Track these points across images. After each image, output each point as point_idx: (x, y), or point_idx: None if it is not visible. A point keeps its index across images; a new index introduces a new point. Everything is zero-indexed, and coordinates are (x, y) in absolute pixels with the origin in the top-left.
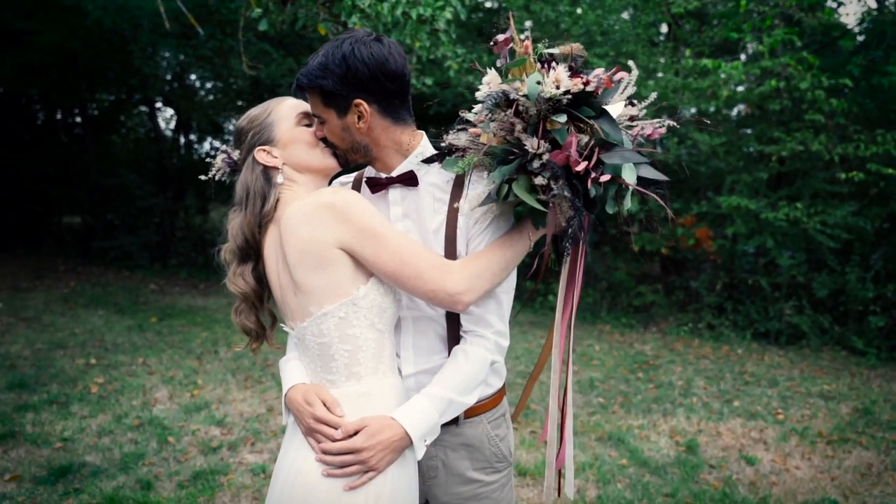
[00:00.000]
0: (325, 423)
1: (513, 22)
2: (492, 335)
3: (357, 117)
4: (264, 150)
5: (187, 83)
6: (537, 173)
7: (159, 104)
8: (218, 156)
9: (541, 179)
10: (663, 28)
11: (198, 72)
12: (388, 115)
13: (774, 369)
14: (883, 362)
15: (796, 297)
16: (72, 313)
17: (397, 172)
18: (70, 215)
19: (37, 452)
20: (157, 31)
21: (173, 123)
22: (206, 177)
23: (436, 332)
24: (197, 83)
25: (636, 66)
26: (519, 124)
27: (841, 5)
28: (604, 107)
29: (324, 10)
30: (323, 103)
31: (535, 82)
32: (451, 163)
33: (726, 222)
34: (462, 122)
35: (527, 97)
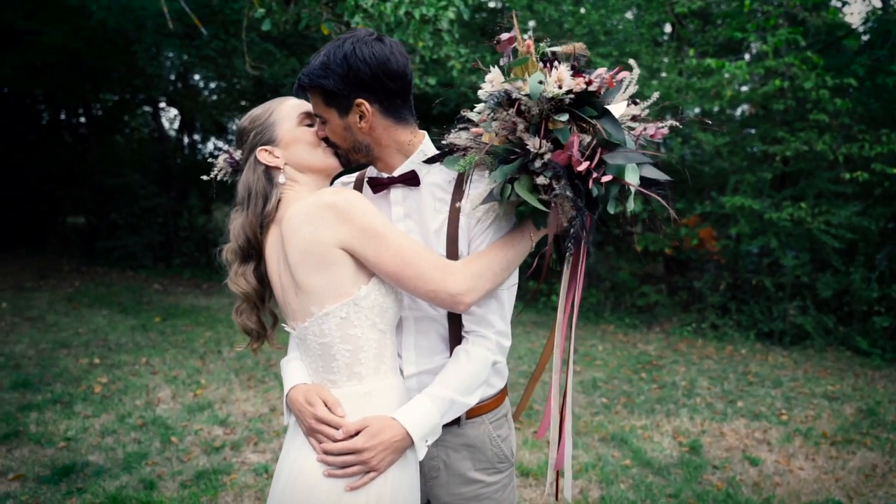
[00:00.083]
0: (326, 423)
1: (517, 21)
2: (493, 335)
3: (359, 117)
4: (266, 150)
5: (191, 83)
6: (539, 173)
7: (163, 104)
8: (220, 156)
9: (543, 179)
10: (667, 28)
11: (201, 72)
12: (389, 115)
13: (778, 370)
14: (887, 363)
15: (800, 297)
16: (76, 313)
17: (399, 172)
18: (74, 215)
19: (40, 452)
20: (160, 31)
21: (177, 123)
22: (208, 177)
23: (437, 332)
24: (200, 83)
25: (640, 65)
26: (521, 124)
27: (846, 4)
28: (606, 107)
29: (327, 10)
30: (324, 103)
31: (538, 82)
32: (453, 160)
33: (730, 222)
34: (463, 121)
35: (529, 96)
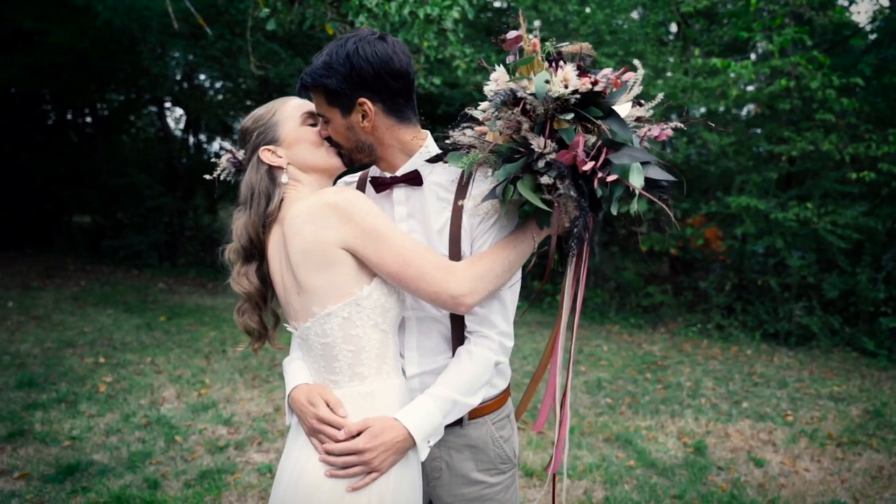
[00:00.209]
0: (328, 423)
1: (523, 20)
2: (496, 336)
3: (361, 116)
4: (269, 150)
5: (196, 83)
6: (543, 172)
7: (168, 104)
8: (223, 156)
9: (546, 179)
10: (672, 27)
11: (207, 72)
12: (392, 114)
13: (784, 370)
14: (894, 364)
15: (806, 297)
16: (81, 312)
17: (402, 172)
18: (80, 214)
19: (45, 451)
20: (166, 31)
21: (182, 123)
22: (211, 177)
23: (440, 332)
24: (206, 83)
25: (645, 65)
26: (526, 123)
27: (853, 3)
28: (612, 107)
29: (331, 10)
30: (327, 102)
31: (544, 81)
32: (457, 157)
33: (736, 222)
34: (467, 119)
35: (534, 96)
